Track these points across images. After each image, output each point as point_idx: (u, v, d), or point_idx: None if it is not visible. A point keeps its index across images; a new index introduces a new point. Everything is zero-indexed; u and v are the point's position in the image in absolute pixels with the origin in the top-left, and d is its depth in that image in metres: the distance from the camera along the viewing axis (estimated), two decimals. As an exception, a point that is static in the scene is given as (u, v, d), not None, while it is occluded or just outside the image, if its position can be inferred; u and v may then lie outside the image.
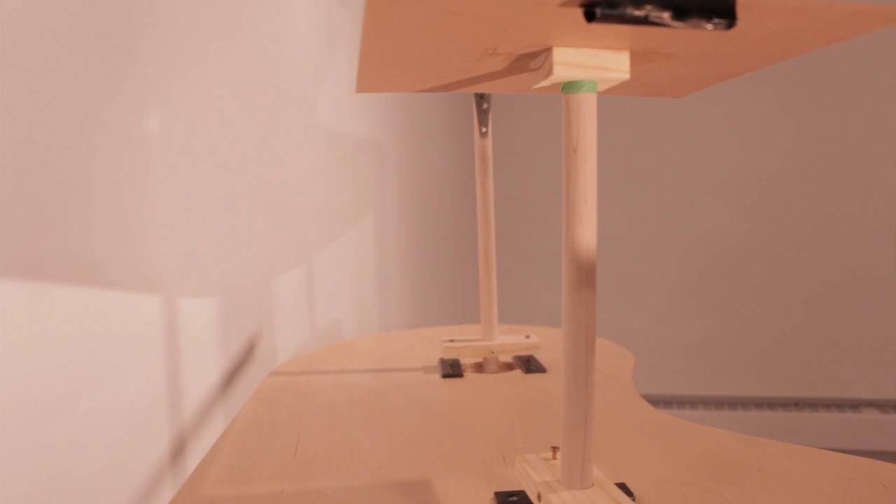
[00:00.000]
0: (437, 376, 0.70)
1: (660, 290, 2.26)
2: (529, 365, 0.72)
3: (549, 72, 0.36)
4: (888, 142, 2.04)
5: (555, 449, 0.40)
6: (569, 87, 0.37)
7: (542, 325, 0.94)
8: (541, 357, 0.75)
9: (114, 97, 0.62)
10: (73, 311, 0.56)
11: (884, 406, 2.11)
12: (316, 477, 0.47)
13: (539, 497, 0.37)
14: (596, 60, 0.36)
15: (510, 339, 0.73)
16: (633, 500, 0.41)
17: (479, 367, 0.74)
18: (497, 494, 0.42)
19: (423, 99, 1.86)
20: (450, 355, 0.72)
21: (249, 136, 0.89)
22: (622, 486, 0.42)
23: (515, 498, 0.41)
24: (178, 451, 0.71)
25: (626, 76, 0.36)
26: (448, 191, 2.06)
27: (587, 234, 0.36)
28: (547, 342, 0.82)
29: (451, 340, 0.73)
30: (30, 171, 0.52)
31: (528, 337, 0.74)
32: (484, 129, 0.75)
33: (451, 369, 0.71)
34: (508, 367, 0.74)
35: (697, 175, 2.21)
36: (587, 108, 0.36)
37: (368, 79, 0.45)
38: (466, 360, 0.75)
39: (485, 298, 0.74)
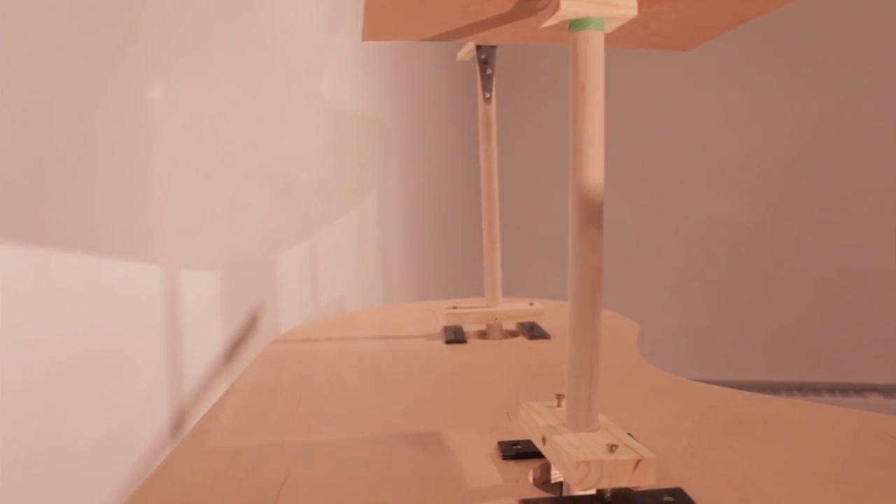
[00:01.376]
0: (440, 342, 0.70)
1: (663, 274, 2.25)
2: (533, 331, 0.72)
3: (556, 8, 0.35)
4: (890, 126, 2.03)
5: (559, 396, 0.40)
6: (576, 24, 0.36)
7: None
8: (544, 325, 0.75)
9: (118, 71, 0.61)
10: (76, 282, 0.55)
11: (888, 391, 2.10)
12: (319, 431, 0.47)
13: (544, 440, 0.37)
14: None
15: (514, 306, 0.72)
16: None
17: (483, 335, 0.73)
18: (501, 444, 0.42)
19: (427, 74, 1.85)
20: (453, 322, 0.72)
21: (252, 111, 0.89)
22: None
23: (520, 446, 0.41)
24: (179, 421, 0.71)
25: (634, 13, 0.36)
26: (452, 172, 2.06)
27: (594, 174, 0.36)
28: (550, 312, 0.81)
29: (455, 307, 0.72)
30: (34, 143, 0.51)
31: (531, 304, 0.73)
32: (488, 95, 0.74)
33: (455, 335, 0.71)
34: (512, 334, 0.73)
35: (700, 160, 2.20)
36: (594, 47, 0.36)
37: (374, 25, 0.44)
38: (470, 328, 0.75)
39: (488, 266, 0.74)
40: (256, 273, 0.90)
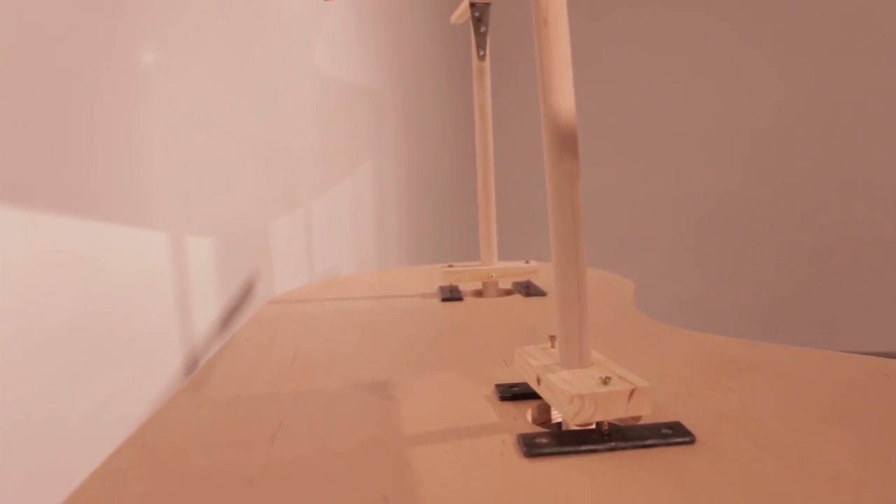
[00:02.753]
0: (436, 301, 0.70)
1: (659, 245, 2.25)
2: (529, 289, 0.71)
3: None
4: (882, 93, 2.02)
5: (552, 338, 0.40)
6: None
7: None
8: (540, 283, 0.75)
9: (112, 39, 0.60)
10: (71, 246, 0.55)
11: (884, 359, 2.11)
12: (314, 379, 0.47)
13: (539, 381, 0.37)
14: None
15: (510, 264, 0.72)
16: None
17: (479, 293, 0.73)
18: (498, 386, 0.42)
19: (420, 40, 1.83)
20: (449, 281, 0.72)
21: (246, 78, 0.88)
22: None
23: (517, 388, 0.41)
24: (177, 386, 0.71)
25: None
26: (446, 140, 2.05)
27: (565, 105, 0.35)
28: (546, 271, 0.81)
29: (450, 266, 0.72)
30: (30, 106, 0.50)
31: (527, 262, 0.73)
32: (482, 53, 0.73)
33: (451, 294, 0.71)
34: (508, 292, 0.73)
35: (693, 130, 2.19)
36: None
37: None
38: (466, 287, 0.75)
39: (484, 224, 0.73)
40: (251, 241, 0.89)
